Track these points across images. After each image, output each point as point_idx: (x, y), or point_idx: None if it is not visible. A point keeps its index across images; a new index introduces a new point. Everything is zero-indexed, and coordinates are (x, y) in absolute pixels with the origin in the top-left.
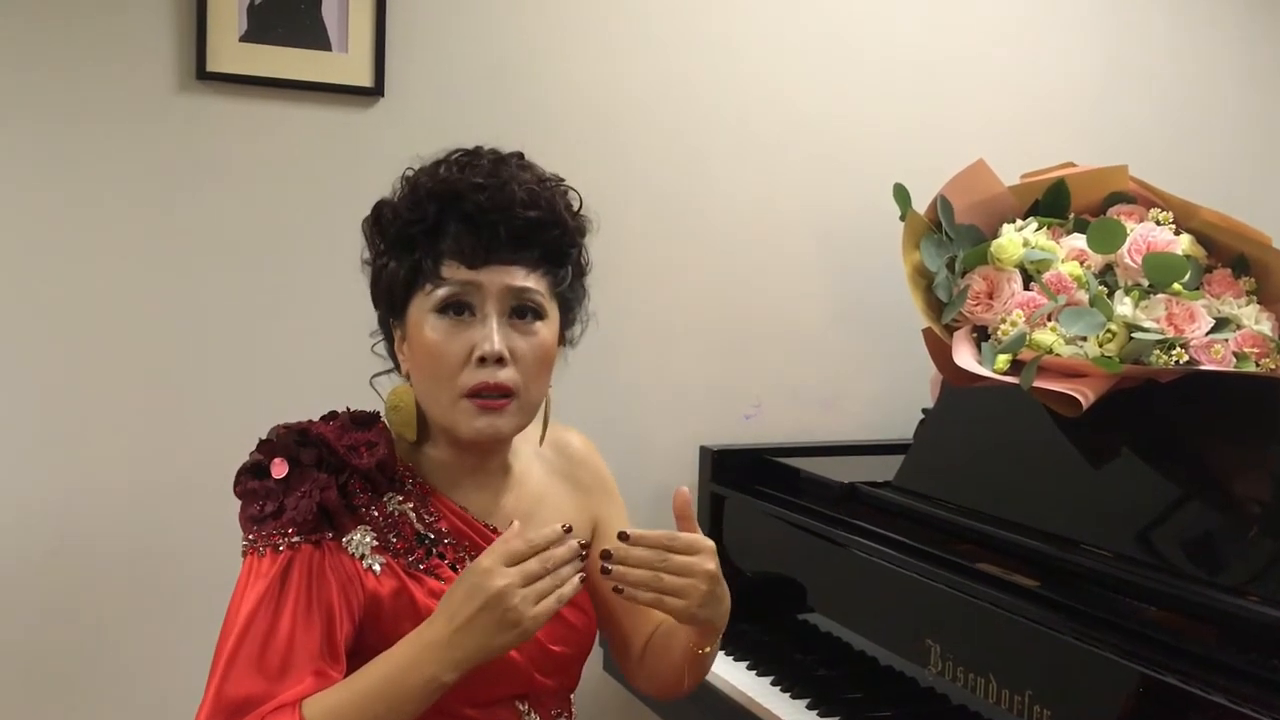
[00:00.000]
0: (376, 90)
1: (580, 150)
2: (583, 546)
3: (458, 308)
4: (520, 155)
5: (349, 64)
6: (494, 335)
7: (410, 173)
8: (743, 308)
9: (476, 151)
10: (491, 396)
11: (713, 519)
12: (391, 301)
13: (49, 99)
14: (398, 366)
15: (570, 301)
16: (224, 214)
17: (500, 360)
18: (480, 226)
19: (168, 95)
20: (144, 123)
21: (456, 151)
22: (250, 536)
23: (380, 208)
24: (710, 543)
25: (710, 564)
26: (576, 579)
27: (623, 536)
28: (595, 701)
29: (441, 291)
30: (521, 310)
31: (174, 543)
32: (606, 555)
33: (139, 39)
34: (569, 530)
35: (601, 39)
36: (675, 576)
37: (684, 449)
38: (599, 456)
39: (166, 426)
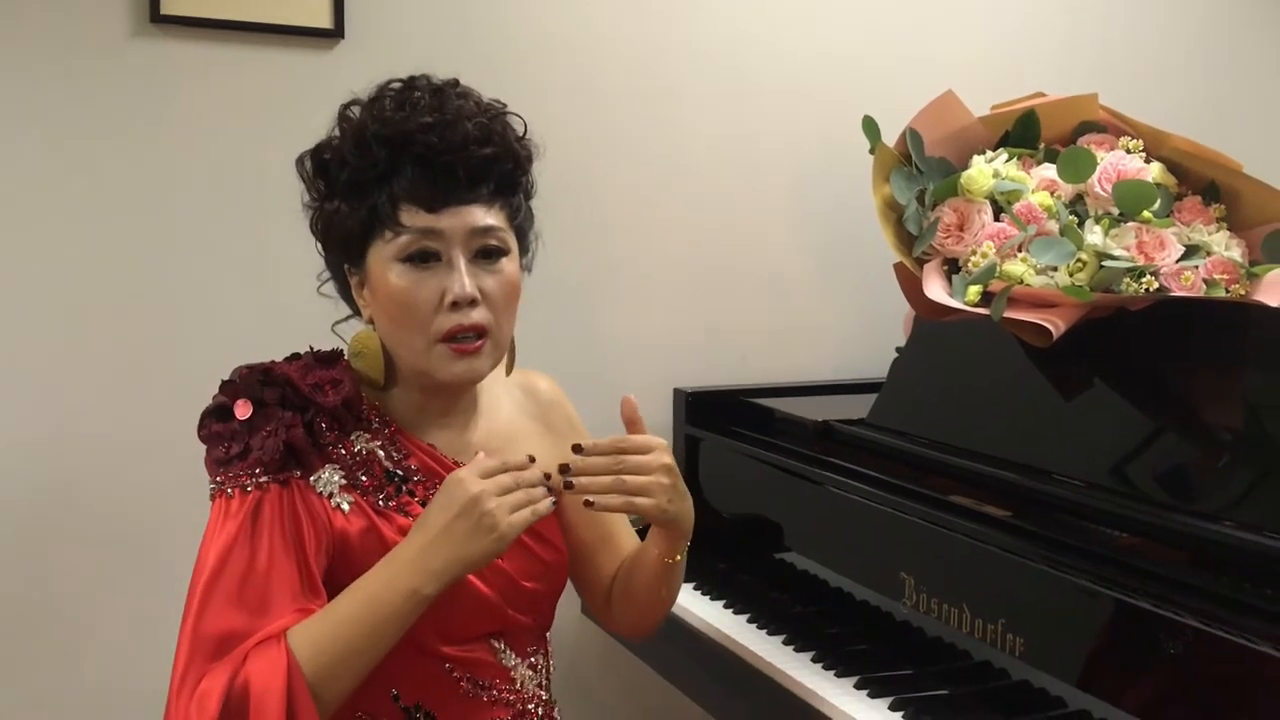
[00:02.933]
0: (336, 32)
1: (549, 91)
2: (547, 476)
3: (423, 256)
4: (456, 82)
5: (307, 5)
6: (465, 279)
7: (349, 112)
8: (715, 249)
9: (411, 83)
10: (467, 339)
11: (688, 460)
12: (347, 248)
13: None
14: (357, 311)
15: (525, 229)
16: (182, 159)
17: (472, 302)
18: (435, 169)
19: (122, 39)
20: (98, 68)
21: (390, 84)
22: (218, 479)
23: (321, 152)
24: (661, 440)
25: (666, 457)
26: (549, 500)
27: (577, 449)
28: (574, 645)
29: (404, 239)
30: (486, 250)
31: (145, 491)
32: (565, 469)
33: None
34: (533, 460)
35: None
36: (636, 476)
37: (658, 391)
38: (566, 399)
39: (132, 379)
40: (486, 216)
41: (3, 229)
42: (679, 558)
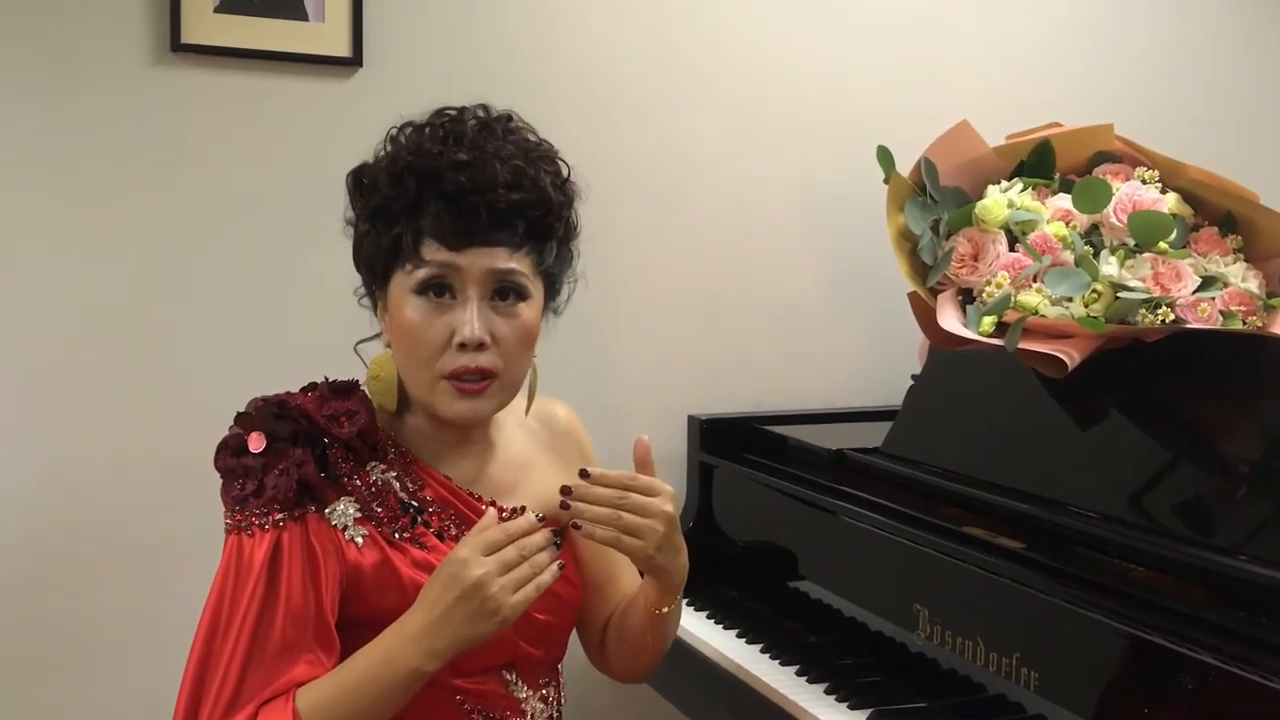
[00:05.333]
0: (355, 60)
1: (563, 119)
2: (556, 534)
3: (438, 289)
4: (509, 118)
5: (326, 34)
6: (474, 321)
7: (394, 132)
8: (730, 276)
9: (461, 116)
10: (472, 380)
11: (701, 488)
12: (372, 271)
13: (20, 73)
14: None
15: (555, 275)
16: (201, 188)
17: (480, 345)
18: (461, 208)
19: (142, 68)
20: (118, 96)
21: (442, 113)
22: (236, 518)
23: (361, 173)
24: (670, 488)
25: (668, 506)
26: (554, 567)
27: (584, 474)
28: (586, 676)
29: (421, 273)
30: (504, 291)
31: (157, 522)
32: (566, 491)
33: (112, 11)
34: (542, 519)
35: (583, 5)
36: (634, 516)
37: (672, 418)
38: (583, 430)
39: (148, 403)
40: (509, 260)
41: (22, 254)
42: (666, 610)
